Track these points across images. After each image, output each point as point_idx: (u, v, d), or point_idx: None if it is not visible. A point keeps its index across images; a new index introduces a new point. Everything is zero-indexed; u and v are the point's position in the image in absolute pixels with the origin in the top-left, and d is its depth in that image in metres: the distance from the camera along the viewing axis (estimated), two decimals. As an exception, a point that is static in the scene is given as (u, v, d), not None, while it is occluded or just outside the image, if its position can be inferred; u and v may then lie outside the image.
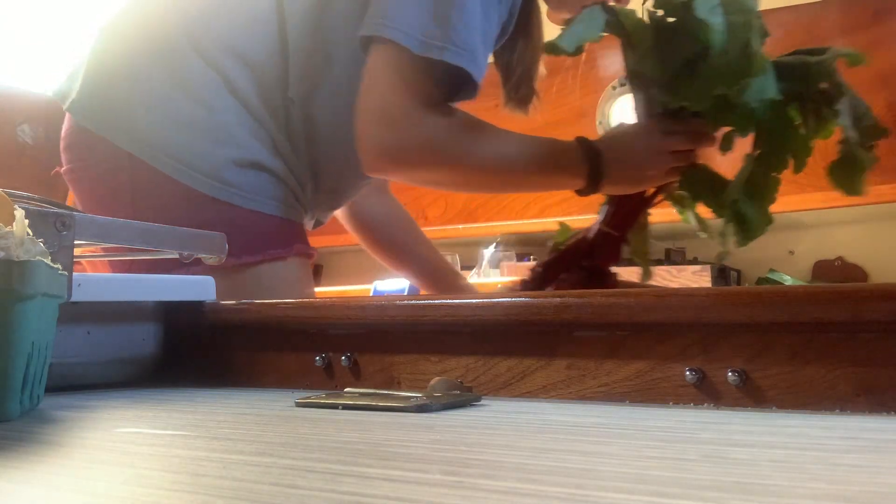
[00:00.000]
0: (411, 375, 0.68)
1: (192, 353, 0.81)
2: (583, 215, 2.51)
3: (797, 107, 0.96)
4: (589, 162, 0.98)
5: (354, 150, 0.97)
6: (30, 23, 2.70)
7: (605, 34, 0.97)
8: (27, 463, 0.38)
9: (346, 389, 0.65)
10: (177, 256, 0.81)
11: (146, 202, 0.95)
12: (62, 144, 1.04)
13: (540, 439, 0.42)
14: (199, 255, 0.81)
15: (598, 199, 1.08)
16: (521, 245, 2.81)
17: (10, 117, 2.31)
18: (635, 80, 1.02)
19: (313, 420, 0.51)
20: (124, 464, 0.38)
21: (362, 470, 0.34)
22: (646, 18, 0.97)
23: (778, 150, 0.96)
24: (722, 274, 2.24)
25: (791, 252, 2.34)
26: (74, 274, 0.66)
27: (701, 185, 1.03)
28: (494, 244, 2.78)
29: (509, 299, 0.64)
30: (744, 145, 0.98)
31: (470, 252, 2.76)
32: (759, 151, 0.97)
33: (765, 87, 0.89)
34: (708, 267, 2.15)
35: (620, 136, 1.05)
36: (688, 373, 0.56)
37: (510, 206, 2.76)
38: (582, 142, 1.00)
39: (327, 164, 1.02)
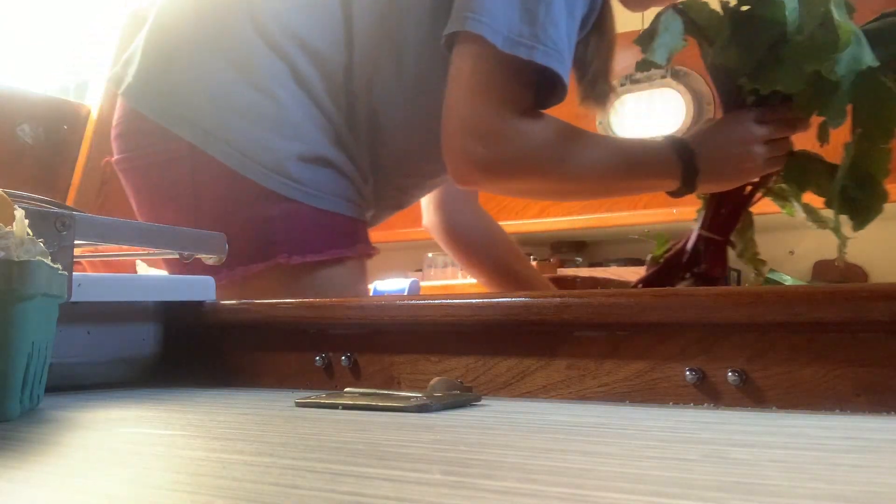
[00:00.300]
0: (411, 375, 0.68)
1: (192, 353, 0.81)
2: (584, 215, 2.50)
3: (893, 74, 0.91)
4: (682, 161, 0.94)
5: (421, 148, 0.95)
6: (30, 23, 2.70)
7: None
8: (27, 463, 0.38)
9: (346, 389, 0.65)
10: (177, 256, 0.81)
11: (208, 194, 0.91)
12: (114, 132, 0.99)
13: (540, 439, 0.42)
14: (199, 256, 0.81)
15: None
16: (521, 245, 2.81)
17: (10, 117, 2.31)
18: (717, 73, 0.98)
19: (313, 420, 0.51)
20: (124, 464, 0.38)
21: (362, 470, 0.34)
22: (719, 10, 0.94)
23: (881, 122, 0.91)
24: (722, 274, 2.23)
25: (791, 252, 2.34)
26: (74, 274, 0.66)
27: (806, 173, 0.98)
28: (494, 244, 2.77)
29: (509, 299, 0.64)
30: (840, 131, 0.93)
31: (470, 252, 2.76)
32: (860, 130, 0.92)
33: (859, 57, 0.85)
34: (708, 267, 2.15)
35: (711, 130, 0.99)
36: (688, 373, 0.56)
37: (510, 206, 2.76)
38: (672, 140, 0.96)
39: (392, 161, 0.99)
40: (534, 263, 2.06)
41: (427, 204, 1.24)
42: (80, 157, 2.46)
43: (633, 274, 2.25)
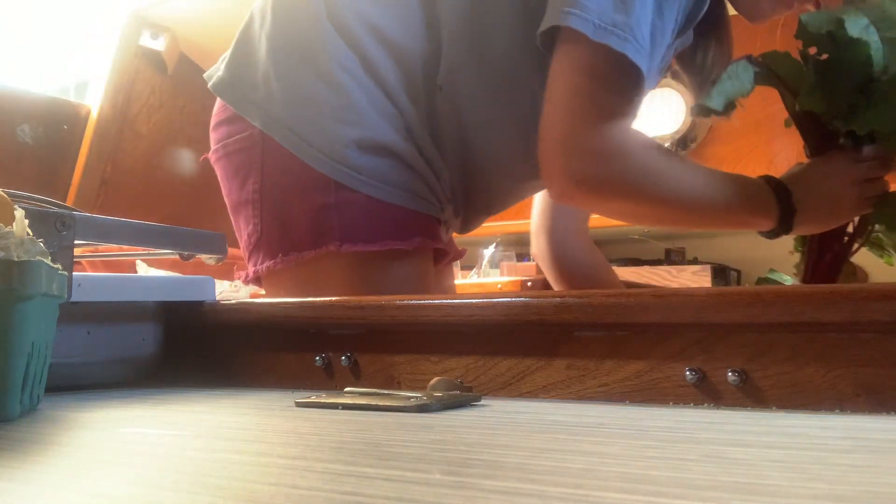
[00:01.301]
0: (411, 375, 0.68)
1: (192, 353, 0.81)
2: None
3: None
4: (780, 200, 0.91)
5: (506, 148, 0.93)
6: (30, 23, 2.70)
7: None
8: (27, 463, 0.38)
9: (346, 389, 0.65)
10: (177, 256, 0.81)
11: (272, 180, 0.91)
12: (211, 127, 1.01)
13: (540, 439, 0.42)
14: (199, 255, 0.81)
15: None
16: (522, 245, 2.81)
17: (10, 117, 2.31)
18: (804, 120, 0.97)
19: (313, 420, 0.51)
20: (124, 464, 0.38)
21: (362, 470, 0.34)
22: (799, 59, 0.94)
23: None
24: (722, 274, 2.24)
25: (791, 252, 2.34)
26: (74, 274, 0.66)
27: None
28: (494, 244, 2.77)
29: (509, 299, 0.64)
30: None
31: (470, 252, 2.76)
32: None
33: None
34: (708, 267, 2.15)
35: (807, 171, 0.96)
36: (688, 373, 0.56)
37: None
38: (769, 180, 0.94)
39: (477, 161, 0.96)
40: (533, 264, 2.06)
41: (537, 233, 1.22)
42: (80, 157, 2.46)
43: (633, 274, 2.25)
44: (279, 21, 0.93)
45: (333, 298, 0.73)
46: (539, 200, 1.23)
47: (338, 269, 0.89)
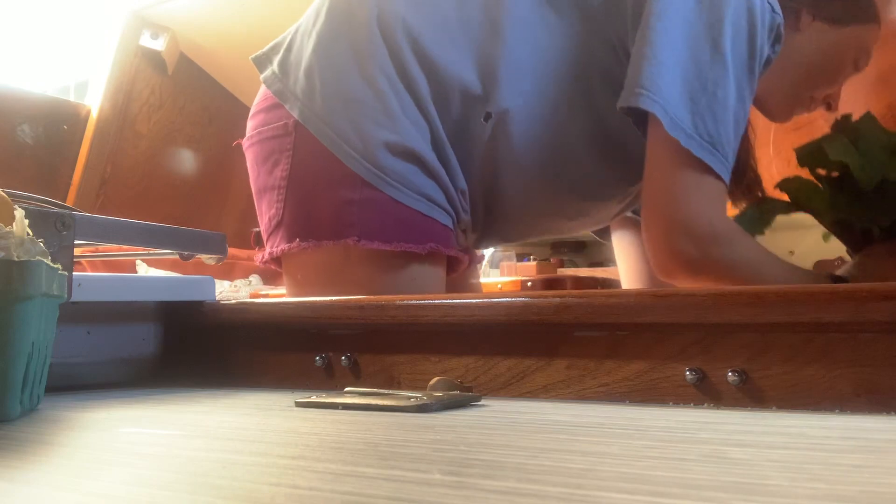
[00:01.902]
0: (411, 375, 0.68)
1: (192, 353, 0.81)
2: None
3: None
4: None
5: (538, 191, 0.98)
6: (30, 23, 2.70)
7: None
8: (27, 463, 0.38)
9: (346, 389, 0.65)
10: (177, 256, 0.81)
11: (301, 170, 0.95)
12: (249, 116, 1.04)
13: (540, 439, 0.42)
14: (199, 255, 0.81)
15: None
16: (521, 245, 2.81)
17: (10, 117, 2.31)
18: (838, 228, 1.06)
19: (313, 420, 0.51)
20: (124, 464, 0.38)
21: (362, 470, 0.34)
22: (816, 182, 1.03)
23: None
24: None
25: (791, 252, 2.34)
26: (74, 274, 0.66)
27: None
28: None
29: (509, 299, 0.64)
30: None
31: (470, 252, 2.75)
32: None
33: None
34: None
35: (861, 265, 1.01)
36: (688, 373, 0.56)
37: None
38: (831, 276, 0.98)
39: (502, 190, 1.00)
40: (533, 264, 2.06)
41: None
42: (80, 157, 2.46)
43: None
44: (332, 21, 0.96)
45: (333, 298, 0.73)
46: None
47: (352, 262, 0.93)
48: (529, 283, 1.94)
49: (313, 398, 0.58)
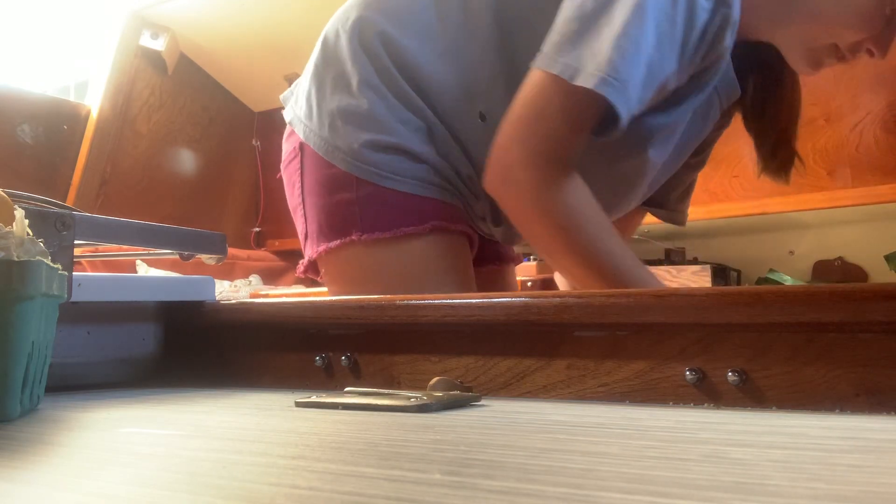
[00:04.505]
0: (411, 375, 0.68)
1: (192, 353, 0.81)
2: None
3: None
4: None
5: None
6: (30, 23, 2.70)
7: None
8: (27, 463, 0.38)
9: (346, 389, 0.65)
10: (177, 256, 0.81)
11: (310, 182, 1.04)
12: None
13: (540, 439, 0.42)
14: (199, 255, 0.81)
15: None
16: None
17: (10, 117, 2.31)
18: None
19: (313, 420, 0.51)
20: (124, 464, 0.38)
21: (362, 470, 0.34)
22: None
23: None
24: (722, 274, 2.24)
25: (791, 252, 2.34)
26: (74, 274, 0.66)
27: None
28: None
29: (509, 299, 0.64)
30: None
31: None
32: None
33: None
34: (708, 267, 2.15)
35: None
36: (688, 373, 0.56)
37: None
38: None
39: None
40: (533, 264, 2.06)
41: None
42: (80, 157, 2.46)
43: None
44: (324, 47, 1.05)
45: (333, 298, 0.73)
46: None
47: (363, 256, 0.99)
48: (529, 283, 1.94)
49: (313, 398, 0.58)
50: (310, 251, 1.04)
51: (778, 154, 1.04)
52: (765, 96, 1.03)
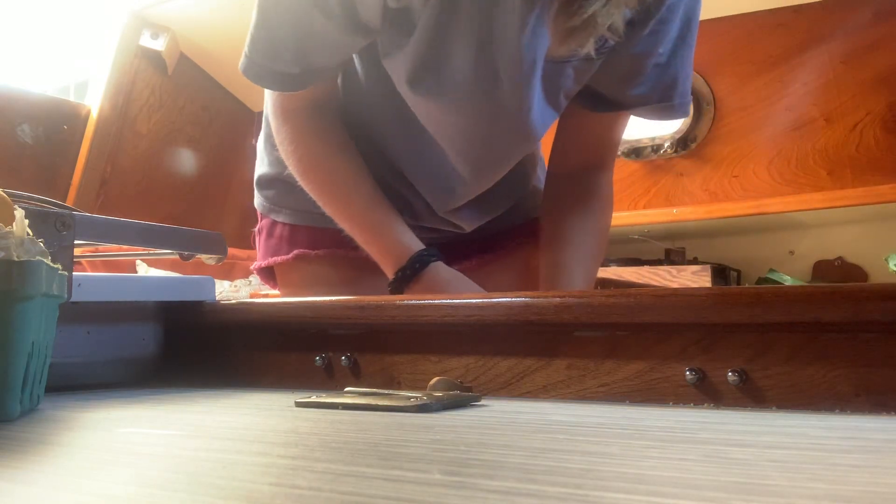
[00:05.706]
0: (411, 375, 0.68)
1: (192, 353, 0.81)
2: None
3: None
4: (399, 278, 0.93)
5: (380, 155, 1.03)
6: (30, 23, 2.70)
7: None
8: (27, 463, 0.38)
9: (346, 389, 0.65)
10: (177, 256, 0.81)
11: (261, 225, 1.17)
12: None
13: (540, 439, 0.42)
14: (199, 255, 0.81)
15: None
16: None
17: (10, 117, 2.31)
18: None
19: (313, 420, 0.51)
20: (124, 464, 0.38)
21: (362, 470, 0.34)
22: None
23: None
24: (722, 274, 2.24)
25: (791, 252, 2.34)
26: (74, 274, 0.66)
27: None
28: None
29: (509, 299, 0.64)
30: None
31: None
32: None
33: None
34: (708, 267, 2.15)
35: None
36: (688, 373, 0.56)
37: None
38: (416, 258, 0.92)
39: (385, 157, 1.04)
40: (533, 263, 2.06)
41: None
42: (80, 157, 2.46)
43: (633, 274, 2.25)
44: (265, 121, 1.12)
45: (333, 298, 0.73)
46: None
47: (277, 277, 1.13)
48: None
49: (313, 398, 0.58)
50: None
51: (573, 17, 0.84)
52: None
